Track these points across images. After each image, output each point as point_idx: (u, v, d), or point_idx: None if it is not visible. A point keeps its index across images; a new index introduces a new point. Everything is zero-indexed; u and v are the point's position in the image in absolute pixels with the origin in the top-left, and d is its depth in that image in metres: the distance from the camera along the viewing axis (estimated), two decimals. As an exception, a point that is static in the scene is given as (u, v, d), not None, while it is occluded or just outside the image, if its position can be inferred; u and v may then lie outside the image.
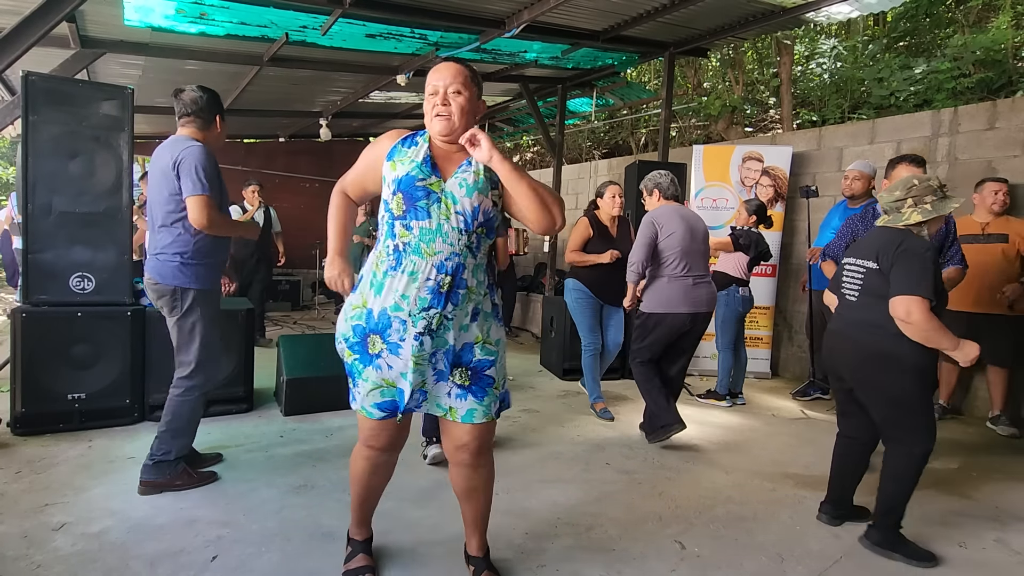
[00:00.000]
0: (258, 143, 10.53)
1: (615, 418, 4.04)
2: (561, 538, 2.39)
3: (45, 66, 4.96)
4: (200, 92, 2.70)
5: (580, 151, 10.52)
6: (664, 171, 3.65)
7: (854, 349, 2.39)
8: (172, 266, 2.56)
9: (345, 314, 1.86)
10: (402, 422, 1.91)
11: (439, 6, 4.62)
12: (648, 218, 3.51)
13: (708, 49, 6.12)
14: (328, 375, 3.91)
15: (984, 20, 6.81)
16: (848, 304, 2.46)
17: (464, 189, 1.77)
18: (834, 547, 2.39)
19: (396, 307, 1.76)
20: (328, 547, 2.25)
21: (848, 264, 2.49)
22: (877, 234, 2.42)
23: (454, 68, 1.80)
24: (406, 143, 1.84)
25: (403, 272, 1.76)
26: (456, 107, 1.77)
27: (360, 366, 1.84)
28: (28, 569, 2.03)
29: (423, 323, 1.75)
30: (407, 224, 1.76)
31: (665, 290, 3.46)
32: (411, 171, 1.76)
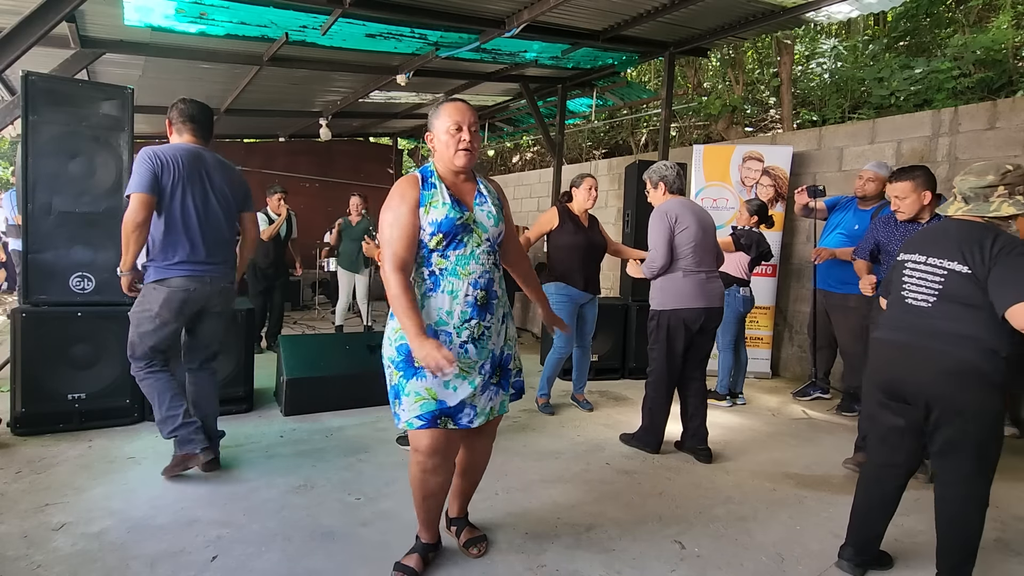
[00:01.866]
0: (258, 143, 10.54)
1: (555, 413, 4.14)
2: (561, 538, 2.39)
3: (45, 66, 4.96)
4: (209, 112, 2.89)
5: (580, 151, 10.52)
6: (669, 163, 3.47)
7: (933, 363, 1.97)
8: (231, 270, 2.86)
9: (389, 339, 1.99)
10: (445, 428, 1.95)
11: (439, 6, 4.62)
12: (660, 212, 3.30)
13: (708, 49, 6.13)
14: (328, 375, 3.91)
15: (984, 20, 6.81)
16: (916, 310, 2.05)
17: (492, 220, 2.01)
18: (834, 547, 2.38)
19: (441, 322, 1.93)
20: (328, 547, 2.25)
21: (913, 264, 2.09)
22: (955, 228, 2.03)
23: (471, 110, 1.99)
24: (426, 187, 1.96)
25: (443, 292, 1.93)
26: (476, 144, 1.98)
27: (404, 382, 1.93)
28: (28, 569, 2.03)
29: (467, 332, 1.93)
30: (444, 254, 1.93)
31: (679, 285, 3.28)
32: (448, 213, 1.91)
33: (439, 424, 1.91)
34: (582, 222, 4.09)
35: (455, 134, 1.94)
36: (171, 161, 2.58)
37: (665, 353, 3.32)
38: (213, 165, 2.75)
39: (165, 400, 2.66)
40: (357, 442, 3.38)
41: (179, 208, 2.60)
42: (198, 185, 2.65)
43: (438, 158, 2.00)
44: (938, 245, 2.04)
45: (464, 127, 1.95)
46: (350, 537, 2.33)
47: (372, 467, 3.02)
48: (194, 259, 2.64)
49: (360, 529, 2.40)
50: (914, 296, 2.06)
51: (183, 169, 2.60)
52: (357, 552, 2.22)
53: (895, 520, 2.23)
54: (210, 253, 2.70)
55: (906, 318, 2.08)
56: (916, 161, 4.70)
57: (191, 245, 2.63)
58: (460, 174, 2.01)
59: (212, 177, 2.72)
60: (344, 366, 4.02)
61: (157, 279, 2.61)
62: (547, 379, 4.20)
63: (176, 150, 2.63)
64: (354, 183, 9.58)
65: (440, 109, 1.98)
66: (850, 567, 2.21)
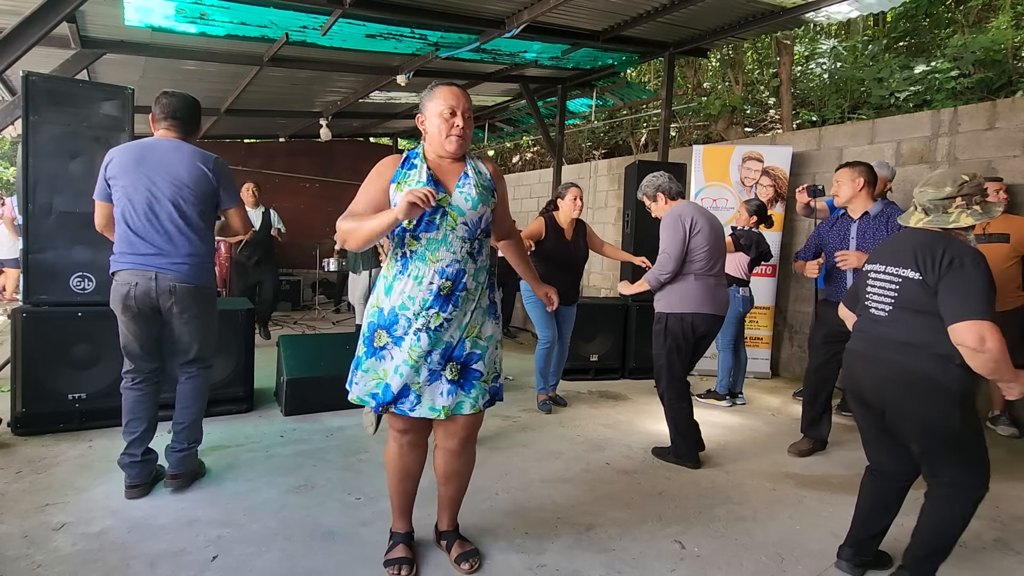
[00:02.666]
0: (258, 143, 10.54)
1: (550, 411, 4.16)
2: (561, 538, 2.40)
3: (45, 66, 4.97)
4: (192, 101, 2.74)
5: (580, 151, 10.53)
6: (657, 172, 3.43)
7: (886, 372, 2.01)
8: (204, 268, 2.64)
9: (366, 314, 2.01)
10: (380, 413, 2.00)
11: (439, 6, 4.62)
12: (672, 216, 3.20)
13: (708, 49, 6.13)
14: (328, 375, 3.91)
15: (984, 20, 6.81)
16: (874, 320, 2.09)
17: (470, 203, 1.93)
18: (834, 547, 2.39)
19: (403, 306, 1.91)
20: (329, 547, 2.25)
21: (875, 273, 2.12)
22: (911, 237, 2.06)
23: (465, 95, 1.96)
24: (405, 166, 1.95)
25: (408, 276, 1.91)
26: (469, 130, 1.97)
27: (364, 358, 1.97)
28: (28, 569, 2.03)
29: (422, 321, 1.90)
30: (416, 235, 1.90)
31: (690, 288, 3.18)
32: None
33: (380, 410, 1.96)
34: (566, 235, 4.10)
35: (448, 119, 1.91)
36: (117, 156, 2.54)
37: (671, 358, 3.22)
38: (169, 154, 2.55)
39: (124, 421, 2.60)
40: (357, 442, 3.38)
41: (124, 200, 2.51)
42: (144, 176, 2.50)
43: (428, 141, 1.97)
44: (896, 254, 2.06)
45: (458, 112, 1.92)
46: (350, 537, 2.33)
47: (372, 467, 3.02)
48: (137, 252, 2.51)
49: (360, 529, 2.40)
50: (875, 305, 2.10)
51: (128, 162, 2.52)
52: (357, 552, 2.22)
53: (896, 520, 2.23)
54: (160, 248, 2.51)
55: (867, 327, 2.12)
56: (916, 161, 4.70)
57: (134, 237, 2.51)
58: (456, 158, 1.98)
59: (164, 168, 2.52)
60: (344, 366, 3.98)
61: (111, 272, 2.59)
62: (540, 374, 4.22)
63: (129, 145, 2.59)
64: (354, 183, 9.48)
65: (434, 91, 1.95)
66: (849, 567, 2.23)
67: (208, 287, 2.68)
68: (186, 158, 2.57)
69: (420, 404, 1.94)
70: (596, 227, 7.76)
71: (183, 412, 2.68)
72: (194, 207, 2.57)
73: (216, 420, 3.62)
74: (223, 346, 3.67)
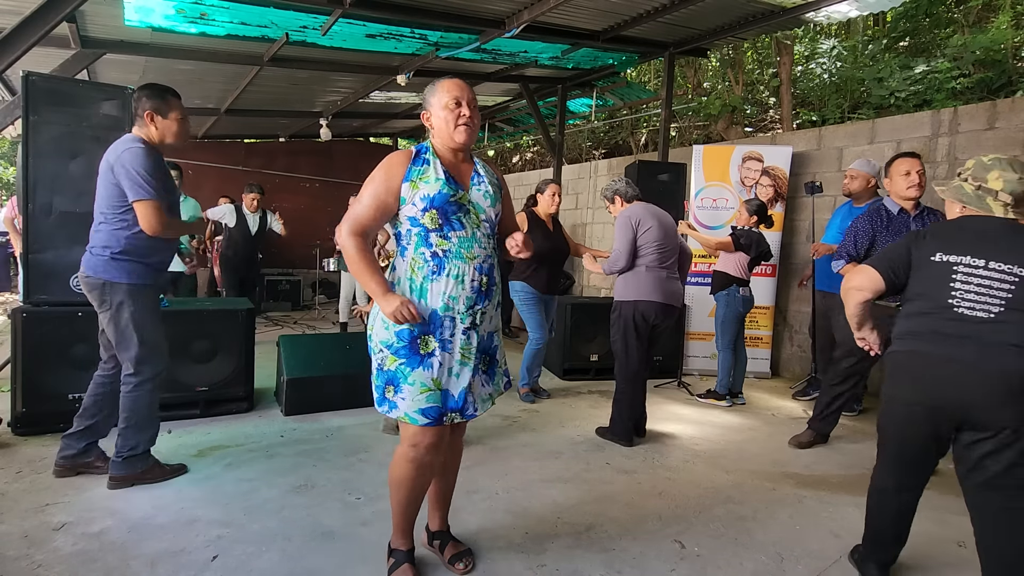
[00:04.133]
0: (258, 143, 10.54)
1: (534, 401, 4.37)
2: (561, 538, 2.40)
3: (45, 66, 4.97)
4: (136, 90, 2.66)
5: (580, 151, 10.53)
6: (617, 177, 3.78)
7: (1000, 379, 1.78)
8: (102, 260, 2.55)
9: (385, 322, 1.88)
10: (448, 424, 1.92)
11: (439, 6, 4.62)
12: (623, 217, 3.53)
13: (708, 49, 6.13)
14: (328, 375, 3.92)
15: (984, 20, 6.81)
16: (972, 321, 1.84)
17: (488, 200, 1.96)
18: (834, 547, 2.39)
19: (446, 307, 1.87)
20: (328, 547, 2.25)
21: (968, 267, 1.87)
22: (1012, 229, 1.88)
23: (468, 85, 1.95)
24: (417, 163, 1.90)
25: (448, 276, 1.87)
26: (477, 120, 1.93)
27: (407, 370, 1.85)
28: (29, 569, 2.03)
29: (470, 319, 1.90)
30: (444, 235, 1.87)
31: (640, 279, 3.48)
32: (441, 188, 1.86)
33: (445, 421, 1.87)
34: (548, 227, 4.32)
35: (454, 109, 1.89)
36: None
37: (627, 342, 3.50)
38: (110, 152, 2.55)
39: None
40: (357, 442, 3.38)
41: None
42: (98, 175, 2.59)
43: (436, 135, 1.94)
44: (1001, 248, 1.84)
45: (464, 102, 1.90)
46: (350, 537, 2.33)
47: (372, 467, 3.02)
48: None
49: (360, 529, 2.40)
50: (970, 304, 1.85)
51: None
52: (357, 552, 2.22)
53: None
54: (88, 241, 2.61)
55: (957, 329, 1.86)
56: (916, 161, 4.70)
57: None
58: (459, 152, 1.96)
59: (102, 164, 2.54)
60: (344, 366, 4.02)
61: None
62: (527, 369, 4.37)
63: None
64: (354, 183, 9.53)
65: (437, 85, 1.93)
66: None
67: (111, 283, 2.54)
68: (110, 149, 2.55)
69: (477, 405, 1.96)
70: (596, 227, 7.77)
71: (119, 417, 2.64)
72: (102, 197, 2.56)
73: (216, 420, 3.62)
74: (223, 346, 3.68)
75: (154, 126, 2.60)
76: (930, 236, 1.99)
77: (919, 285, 1.97)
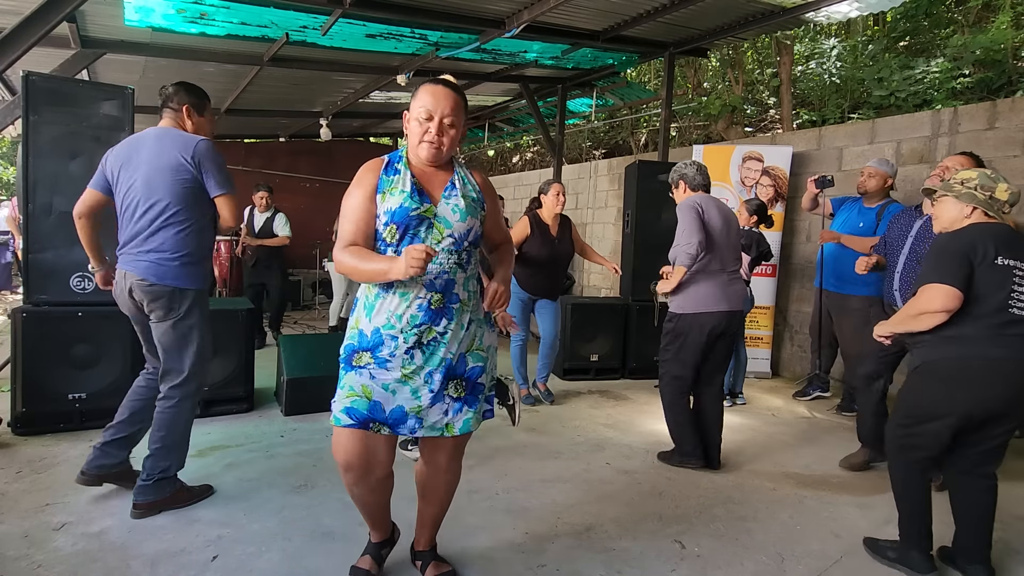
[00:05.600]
0: (259, 143, 10.55)
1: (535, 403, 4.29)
2: (561, 538, 2.40)
3: (46, 66, 4.97)
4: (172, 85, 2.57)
5: (580, 151, 10.53)
6: (689, 160, 3.35)
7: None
8: (172, 266, 2.37)
9: (346, 336, 1.87)
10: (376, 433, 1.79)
11: (439, 6, 4.62)
12: (686, 204, 3.11)
13: (708, 49, 6.13)
14: (328, 375, 3.88)
15: (984, 20, 6.81)
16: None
17: (458, 215, 1.79)
18: (834, 547, 2.39)
19: (389, 325, 1.77)
20: (329, 546, 2.25)
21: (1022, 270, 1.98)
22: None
23: (451, 96, 1.76)
24: (388, 172, 1.79)
25: (393, 293, 1.76)
26: (448, 139, 1.77)
27: (343, 375, 1.83)
28: (29, 569, 2.03)
29: (414, 338, 1.76)
30: (398, 250, 1.74)
31: (701, 287, 3.10)
32: (403, 202, 1.74)
33: (371, 428, 1.76)
34: (551, 232, 4.21)
35: (423, 123, 1.75)
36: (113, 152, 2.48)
37: (682, 359, 3.13)
38: (153, 146, 2.38)
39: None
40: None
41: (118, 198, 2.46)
42: (127, 171, 2.40)
43: (408, 142, 1.83)
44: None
45: (435, 116, 1.73)
46: (350, 537, 2.33)
47: (372, 467, 3.02)
48: (121, 250, 2.44)
49: (360, 529, 2.38)
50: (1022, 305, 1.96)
51: (118, 158, 2.44)
52: (357, 552, 2.21)
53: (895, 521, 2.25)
54: (132, 242, 2.38)
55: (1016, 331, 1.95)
56: (916, 161, 4.70)
57: (122, 235, 2.44)
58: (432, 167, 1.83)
59: (145, 160, 2.36)
60: None
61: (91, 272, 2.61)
62: (517, 370, 4.33)
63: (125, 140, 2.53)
64: (354, 183, 9.56)
65: (419, 90, 1.77)
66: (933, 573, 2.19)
67: (180, 289, 2.38)
68: (164, 148, 2.36)
69: (422, 427, 1.80)
70: (596, 227, 7.77)
71: (150, 435, 2.45)
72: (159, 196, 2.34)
73: (216, 420, 3.62)
74: (223, 346, 3.67)
75: (191, 121, 2.54)
76: (980, 238, 2.02)
77: (980, 287, 1.99)
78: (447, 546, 2.25)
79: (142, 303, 2.40)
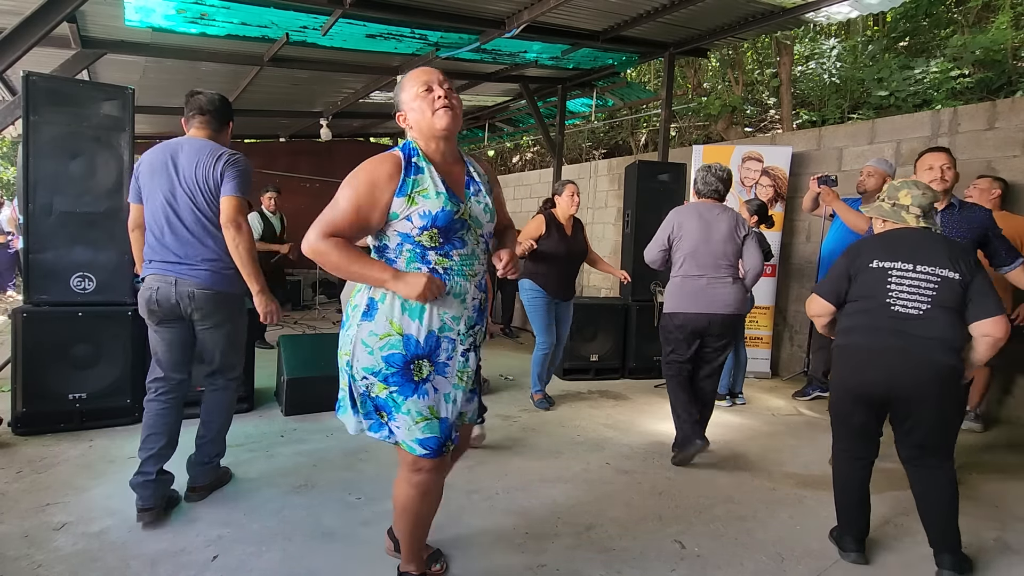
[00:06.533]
0: (259, 143, 10.55)
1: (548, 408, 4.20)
2: (561, 538, 2.40)
3: (46, 66, 4.97)
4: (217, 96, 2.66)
5: (580, 151, 10.53)
6: (707, 164, 3.41)
7: (926, 369, 2.10)
8: (227, 274, 2.51)
9: (369, 347, 1.70)
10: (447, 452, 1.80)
11: (439, 6, 4.63)
12: (670, 213, 3.38)
13: (708, 49, 6.13)
14: (329, 375, 3.91)
15: (984, 20, 6.81)
16: (902, 317, 2.15)
17: (488, 215, 1.81)
18: (834, 547, 2.39)
19: (446, 327, 1.72)
20: (329, 547, 2.25)
21: (900, 271, 2.17)
22: (934, 240, 2.20)
23: (434, 69, 1.77)
24: (410, 172, 1.68)
25: (450, 295, 1.72)
26: (457, 101, 1.73)
27: (400, 398, 1.70)
28: (29, 569, 2.03)
29: (471, 340, 1.80)
30: (445, 253, 1.70)
31: (676, 289, 3.31)
32: (444, 205, 1.67)
33: (445, 451, 1.76)
34: (566, 230, 4.19)
35: (427, 95, 1.69)
36: (145, 159, 2.51)
37: (667, 353, 3.34)
38: (190, 156, 2.46)
39: (142, 436, 2.48)
40: (357, 442, 3.38)
41: (149, 204, 2.49)
42: (165, 178, 2.44)
43: (418, 133, 1.74)
44: (923, 254, 2.17)
45: (434, 84, 1.71)
46: (350, 537, 2.33)
47: (372, 467, 3.02)
48: (159, 257, 2.46)
49: (360, 529, 2.40)
50: (903, 303, 2.16)
51: (153, 164, 2.48)
52: (357, 552, 2.22)
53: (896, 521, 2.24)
54: (178, 252, 2.44)
55: (892, 325, 2.17)
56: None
57: (156, 242, 2.46)
58: (445, 145, 1.75)
59: (183, 169, 2.44)
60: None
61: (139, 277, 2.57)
62: (537, 376, 4.25)
63: (156, 146, 2.55)
64: (354, 183, 9.57)
65: (403, 81, 1.76)
66: (859, 557, 2.29)
67: (231, 293, 2.54)
68: (201, 154, 2.45)
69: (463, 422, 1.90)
70: (596, 227, 7.77)
71: (205, 425, 2.63)
72: (210, 204, 2.45)
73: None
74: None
75: (228, 134, 2.67)
76: (864, 249, 2.30)
77: (860, 289, 2.26)
78: (447, 546, 2.26)
79: (190, 311, 2.45)
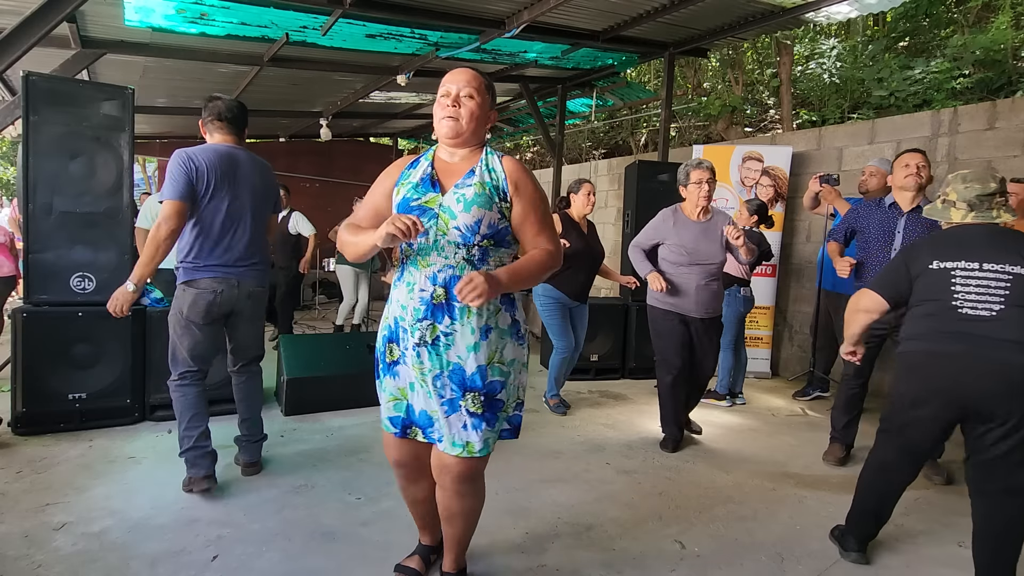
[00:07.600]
0: (259, 143, 10.54)
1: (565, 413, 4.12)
2: (561, 538, 2.40)
3: (46, 66, 4.96)
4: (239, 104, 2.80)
5: (580, 151, 10.53)
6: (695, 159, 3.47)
7: (1003, 372, 1.92)
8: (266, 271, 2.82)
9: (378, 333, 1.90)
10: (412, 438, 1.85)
11: (439, 6, 4.62)
12: (662, 210, 3.49)
13: (708, 49, 6.13)
14: (328, 375, 3.92)
15: (984, 20, 6.81)
16: (971, 319, 1.98)
17: (462, 204, 1.70)
18: (834, 547, 2.39)
19: (400, 317, 1.78)
20: (329, 546, 2.25)
21: (965, 271, 2.02)
22: (994, 233, 2.06)
23: (469, 73, 1.80)
24: (411, 166, 1.84)
25: (403, 283, 1.79)
26: (466, 111, 1.75)
27: (382, 376, 1.86)
28: (29, 569, 2.03)
29: (418, 334, 1.72)
30: (408, 242, 1.73)
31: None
32: (407, 194, 1.77)
33: (409, 434, 1.83)
34: (583, 230, 4.11)
35: (442, 100, 1.77)
36: (205, 163, 2.52)
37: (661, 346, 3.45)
38: (247, 164, 2.69)
39: (185, 419, 2.61)
40: (357, 442, 3.38)
41: (213, 211, 2.54)
42: (231, 187, 2.58)
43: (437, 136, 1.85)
44: (987, 251, 2.01)
45: (452, 92, 1.75)
46: (350, 537, 2.33)
47: (372, 467, 3.02)
48: (225, 261, 2.58)
49: (360, 529, 2.40)
50: (972, 305, 1.99)
51: (217, 171, 2.54)
52: (357, 552, 2.22)
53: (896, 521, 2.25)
54: (242, 255, 2.64)
55: (961, 328, 1.99)
56: (916, 161, 4.70)
57: (223, 248, 2.58)
58: (454, 145, 1.80)
59: (246, 177, 2.65)
60: (344, 366, 4.02)
61: (186, 280, 2.57)
62: (554, 380, 4.18)
63: (209, 152, 2.57)
64: (354, 183, 9.58)
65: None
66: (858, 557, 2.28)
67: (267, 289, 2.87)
68: (261, 168, 2.76)
69: (432, 428, 1.79)
70: (596, 227, 7.76)
71: (249, 408, 2.90)
72: (264, 214, 2.76)
73: (216, 420, 3.58)
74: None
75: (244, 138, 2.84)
76: (923, 248, 2.17)
77: (923, 292, 2.12)
78: (447, 546, 2.26)
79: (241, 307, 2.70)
